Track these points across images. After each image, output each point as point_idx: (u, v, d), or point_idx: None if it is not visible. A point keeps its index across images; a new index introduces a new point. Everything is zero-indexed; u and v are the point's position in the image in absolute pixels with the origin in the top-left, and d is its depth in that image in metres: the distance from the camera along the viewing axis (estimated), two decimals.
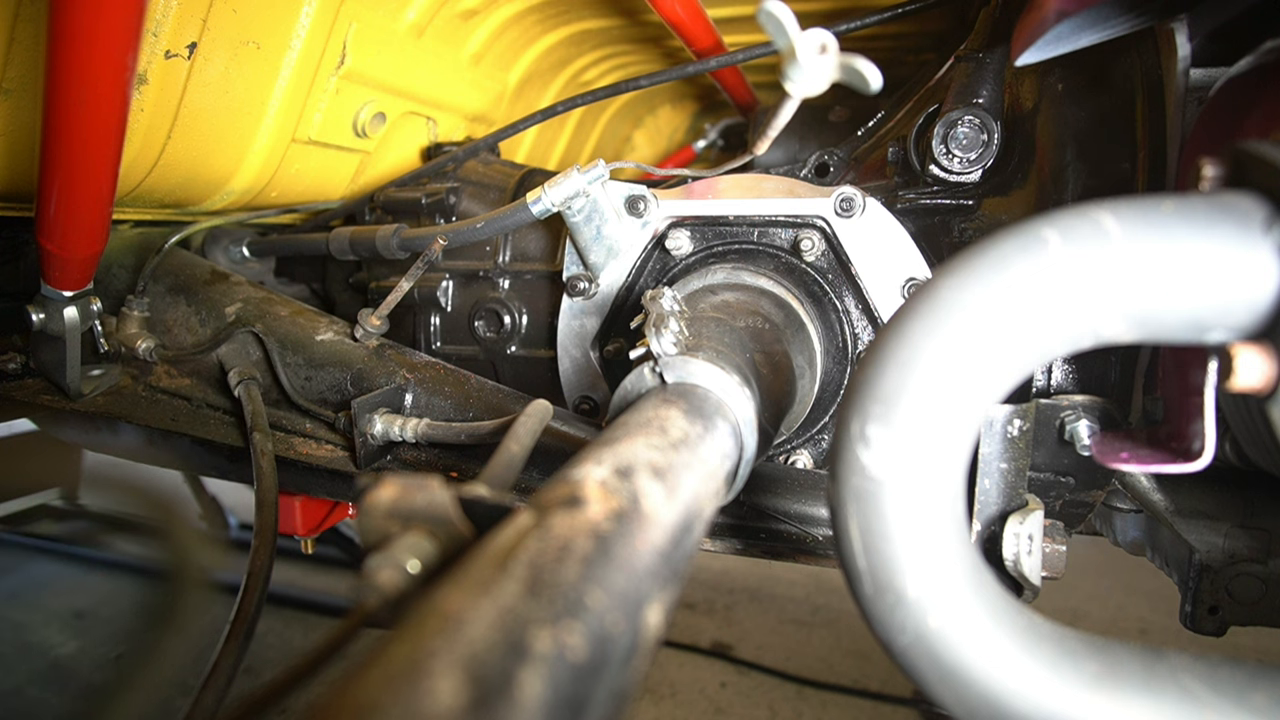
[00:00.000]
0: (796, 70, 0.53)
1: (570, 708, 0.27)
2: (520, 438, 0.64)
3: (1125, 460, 0.55)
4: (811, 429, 0.91)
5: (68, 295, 0.94)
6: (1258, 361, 0.37)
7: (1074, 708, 0.40)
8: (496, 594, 0.29)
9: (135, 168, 0.93)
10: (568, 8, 1.37)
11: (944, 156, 0.84)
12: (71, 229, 0.82)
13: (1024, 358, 0.39)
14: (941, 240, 0.88)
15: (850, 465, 0.41)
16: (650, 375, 0.57)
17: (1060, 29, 0.63)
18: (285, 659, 2.15)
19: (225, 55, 0.92)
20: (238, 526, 2.32)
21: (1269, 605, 0.67)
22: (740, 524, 0.77)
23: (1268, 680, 0.40)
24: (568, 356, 0.99)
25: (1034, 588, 0.64)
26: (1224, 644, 1.48)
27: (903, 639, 0.41)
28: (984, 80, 0.86)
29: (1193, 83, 0.68)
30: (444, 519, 0.39)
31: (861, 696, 2.02)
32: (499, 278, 1.06)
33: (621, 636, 0.31)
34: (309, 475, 0.91)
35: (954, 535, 0.41)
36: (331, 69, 1.06)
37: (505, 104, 1.49)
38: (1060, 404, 0.69)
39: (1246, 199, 0.37)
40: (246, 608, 0.75)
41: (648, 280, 0.96)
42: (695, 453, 0.47)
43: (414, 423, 0.84)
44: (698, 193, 0.91)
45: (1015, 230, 0.40)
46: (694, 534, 0.43)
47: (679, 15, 1.09)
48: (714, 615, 2.40)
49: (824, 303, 0.90)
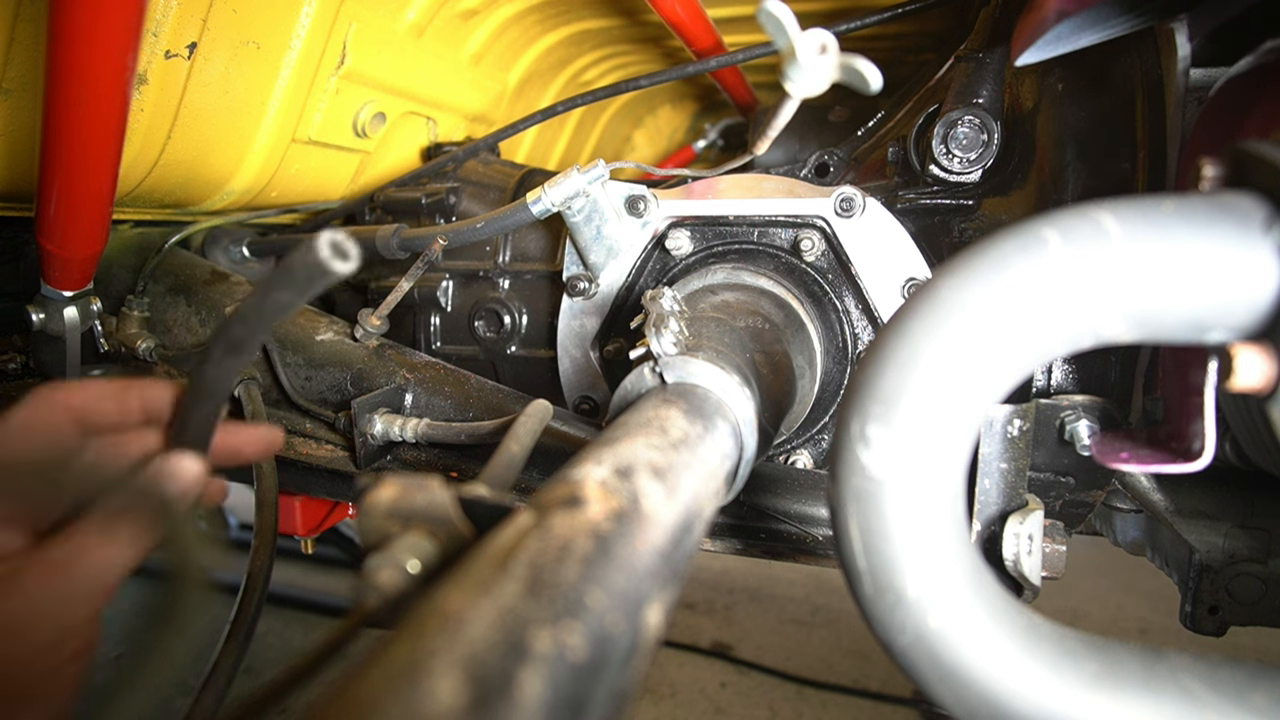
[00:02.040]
0: (796, 70, 0.53)
1: (570, 708, 0.27)
2: (520, 438, 0.64)
3: (1125, 460, 0.55)
4: (811, 429, 0.91)
5: (68, 295, 0.94)
6: (1258, 361, 0.37)
7: (1074, 708, 0.40)
8: (496, 594, 0.29)
9: (135, 168, 0.93)
10: (568, 8, 1.37)
11: (944, 156, 0.84)
12: (71, 229, 0.82)
13: (1024, 358, 0.39)
14: (941, 240, 0.88)
15: (850, 465, 0.41)
16: (650, 375, 0.57)
17: (1060, 29, 0.63)
18: (285, 659, 2.15)
19: (225, 55, 0.92)
20: (238, 526, 2.32)
21: (1269, 605, 0.67)
22: (740, 524, 0.77)
23: (1268, 680, 0.40)
24: (568, 356, 0.99)
25: (1034, 588, 0.64)
26: (1224, 644, 1.48)
27: (903, 639, 0.41)
28: (984, 80, 0.86)
29: (1193, 83, 0.68)
30: (444, 519, 0.39)
31: (861, 696, 2.02)
32: (499, 278, 1.06)
33: (621, 636, 0.31)
34: (309, 475, 0.91)
35: (954, 535, 0.41)
36: (331, 69, 1.06)
37: (505, 104, 1.49)
38: (1060, 404, 0.69)
39: (1246, 199, 0.37)
40: (246, 608, 0.75)
41: (648, 280, 0.96)
42: (695, 453, 0.47)
43: (414, 423, 0.84)
44: (698, 193, 0.91)
45: (1015, 230, 0.40)
46: (694, 534, 0.43)
47: (679, 15, 1.09)
48: (714, 615, 2.40)
49: (824, 303, 0.90)
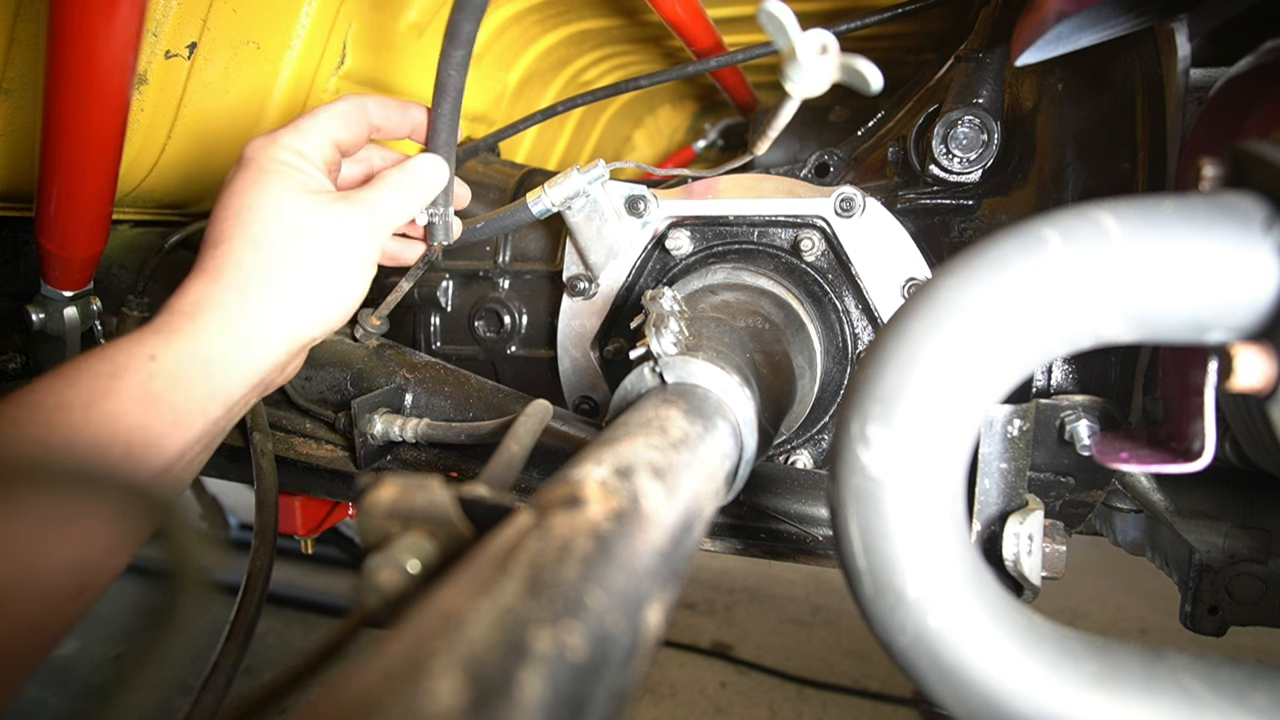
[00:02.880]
0: (797, 71, 0.53)
1: (570, 708, 0.27)
2: (520, 438, 0.64)
3: (1125, 460, 0.55)
4: (811, 429, 0.91)
5: (68, 295, 0.94)
6: (1258, 361, 0.37)
7: (1074, 708, 0.40)
8: (496, 594, 0.29)
9: (135, 168, 0.93)
10: (568, 8, 1.37)
11: (944, 156, 0.84)
12: (71, 229, 0.82)
13: (1024, 358, 0.39)
14: (941, 240, 0.88)
15: (850, 465, 0.41)
16: (650, 375, 0.57)
17: (1060, 29, 0.63)
18: (285, 659, 2.15)
19: (225, 55, 0.92)
20: (238, 526, 2.32)
21: (1269, 605, 0.67)
22: (740, 524, 0.77)
23: (1268, 680, 0.40)
24: (568, 356, 0.99)
25: (1034, 588, 0.64)
26: (1224, 644, 1.48)
27: (903, 639, 0.41)
28: (984, 80, 0.86)
29: (1193, 83, 0.68)
30: (444, 519, 0.39)
31: (861, 696, 2.02)
32: (499, 278, 1.06)
33: (621, 636, 0.31)
34: (309, 475, 0.91)
35: (954, 535, 0.41)
36: (331, 69, 1.06)
37: (505, 104, 1.49)
38: (1060, 404, 0.69)
39: (1246, 199, 0.37)
40: (246, 608, 0.75)
41: (648, 280, 0.96)
42: (695, 453, 0.47)
43: (414, 423, 0.84)
44: (698, 193, 0.91)
45: (1015, 230, 0.40)
46: (694, 534, 0.43)
47: (679, 15, 1.09)
48: (714, 615, 2.40)
49: (824, 303, 0.90)
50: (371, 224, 0.70)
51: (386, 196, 0.71)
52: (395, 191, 0.72)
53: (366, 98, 0.75)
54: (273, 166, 0.68)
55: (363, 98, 0.75)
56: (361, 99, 0.74)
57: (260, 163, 0.68)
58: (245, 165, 0.69)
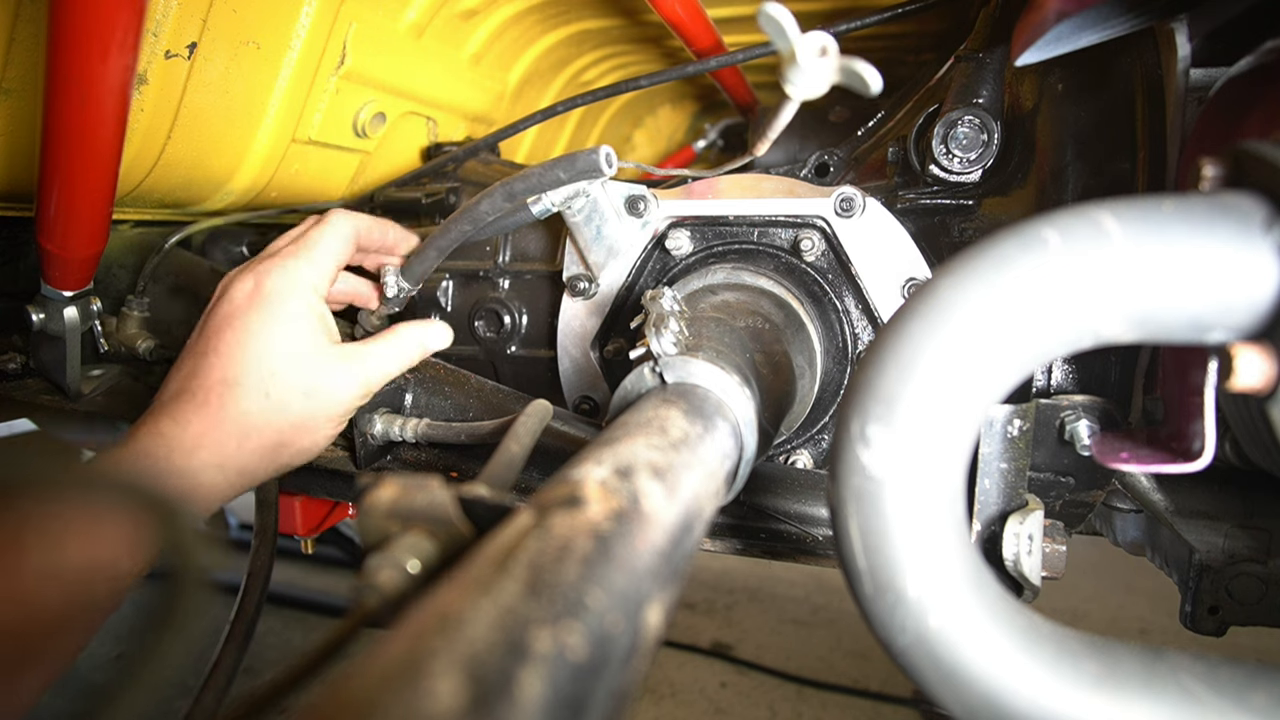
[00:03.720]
0: (796, 73, 0.53)
1: (570, 708, 0.27)
2: (520, 438, 0.64)
3: (1125, 460, 0.55)
4: (811, 429, 0.91)
5: (68, 295, 0.94)
6: (1258, 361, 0.37)
7: (1074, 708, 0.40)
8: (496, 594, 0.29)
9: (135, 168, 0.93)
10: (568, 8, 1.37)
11: (944, 156, 0.84)
12: (71, 229, 0.82)
13: (1024, 358, 0.39)
14: (941, 240, 0.88)
15: (850, 465, 0.41)
16: (650, 375, 0.57)
17: (1060, 29, 0.63)
18: (285, 659, 2.15)
19: (225, 55, 0.92)
20: (238, 526, 2.32)
21: (1269, 605, 0.67)
22: (740, 524, 0.77)
23: (1268, 680, 0.40)
24: (568, 356, 0.99)
25: (1034, 588, 0.64)
26: (1224, 644, 1.48)
27: (903, 639, 0.41)
28: (984, 80, 0.86)
29: (1193, 83, 0.68)
30: (444, 519, 0.39)
31: (861, 696, 2.02)
32: (499, 278, 1.06)
33: (621, 636, 0.31)
34: (309, 475, 0.91)
35: (954, 535, 0.41)
36: (331, 69, 1.06)
37: (505, 104, 1.49)
38: (1060, 404, 0.69)
39: (1246, 199, 0.37)
40: (246, 608, 0.75)
41: (648, 280, 0.96)
42: (695, 453, 0.47)
43: (414, 423, 0.84)
44: (698, 193, 0.91)
45: (1015, 230, 0.40)
46: (694, 534, 0.43)
47: (679, 15, 1.09)
48: (714, 615, 2.41)
49: (824, 303, 0.90)
50: (366, 386, 0.76)
51: (382, 362, 0.78)
52: (387, 356, 0.78)
53: (357, 217, 0.81)
54: (293, 310, 0.71)
55: (354, 217, 0.80)
56: (353, 219, 0.80)
57: (279, 301, 0.71)
58: (264, 300, 0.71)
